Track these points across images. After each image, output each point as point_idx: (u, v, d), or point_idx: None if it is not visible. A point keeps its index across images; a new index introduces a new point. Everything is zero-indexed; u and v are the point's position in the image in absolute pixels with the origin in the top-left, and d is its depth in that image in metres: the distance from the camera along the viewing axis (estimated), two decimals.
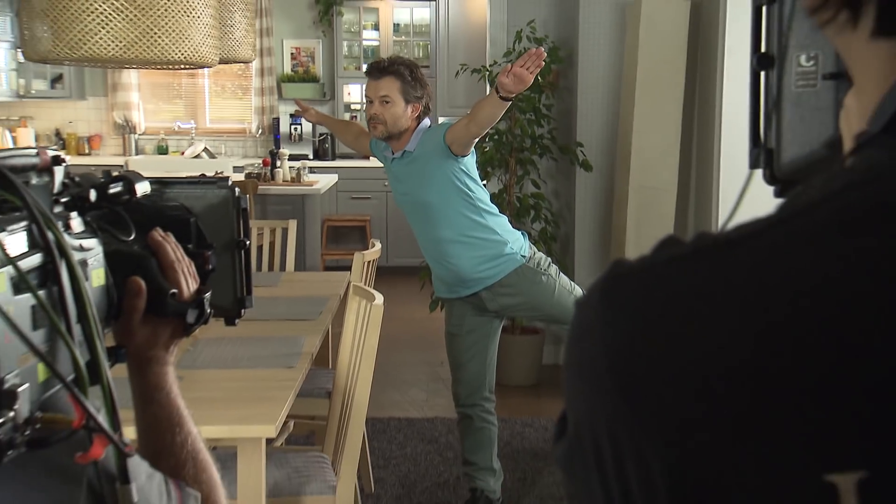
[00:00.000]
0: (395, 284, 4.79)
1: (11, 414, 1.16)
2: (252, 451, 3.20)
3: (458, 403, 4.95)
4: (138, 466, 1.42)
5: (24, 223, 1.22)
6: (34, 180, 1.29)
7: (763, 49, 1.05)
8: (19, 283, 1.19)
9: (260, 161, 10.61)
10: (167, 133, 12.48)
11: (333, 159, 11.71)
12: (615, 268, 0.80)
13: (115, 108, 12.20)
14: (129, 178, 1.50)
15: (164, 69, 5.28)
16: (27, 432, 1.18)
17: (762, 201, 0.83)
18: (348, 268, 5.60)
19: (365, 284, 4.32)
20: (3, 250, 1.18)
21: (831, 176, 0.80)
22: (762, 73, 1.05)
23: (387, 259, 7.76)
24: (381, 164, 4.98)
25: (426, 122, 4.70)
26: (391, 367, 7.11)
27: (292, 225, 6.46)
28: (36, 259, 1.22)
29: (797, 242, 0.76)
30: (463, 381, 4.89)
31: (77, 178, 1.40)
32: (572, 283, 4.82)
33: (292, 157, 10.32)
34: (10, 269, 1.17)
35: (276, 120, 12.06)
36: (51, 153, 1.32)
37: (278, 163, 9.84)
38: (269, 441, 3.53)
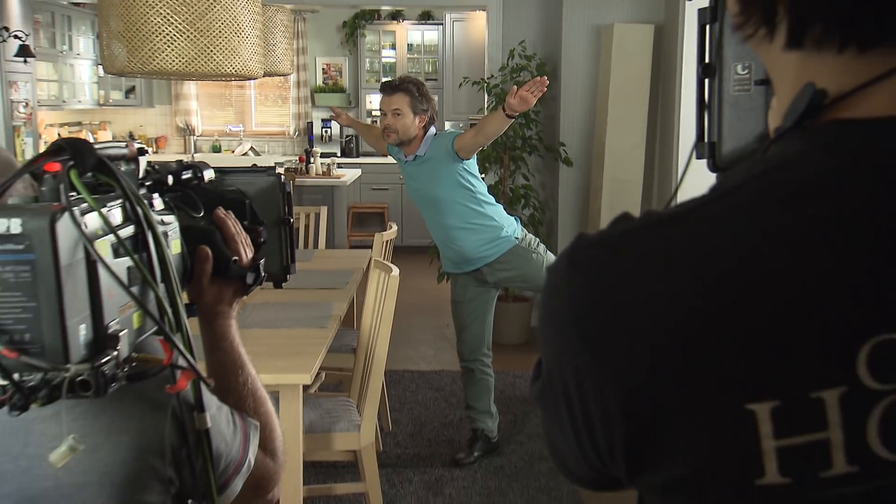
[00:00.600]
0: (409, 260, 4.74)
1: (115, 353, 1.18)
2: (291, 395, 3.21)
3: (461, 359, 4.95)
4: (210, 399, 1.45)
5: (119, 201, 1.24)
6: (124, 167, 1.30)
7: (707, 60, 1.05)
8: (118, 249, 1.21)
9: (296, 158, 10.59)
10: (220, 135, 12.43)
11: (357, 157, 11.62)
12: (578, 240, 0.81)
13: (177, 114, 12.16)
14: (198, 166, 1.55)
15: (217, 81, 5.24)
16: (125, 369, 1.20)
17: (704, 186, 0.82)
18: (370, 246, 5.59)
19: (384, 260, 4.32)
20: (107, 222, 1.20)
21: (753, 162, 0.81)
22: (706, 80, 1.06)
23: (402, 239, 7.72)
24: (394, 162, 4.96)
25: (432, 129, 4.69)
26: (405, 328, 7.05)
27: (323, 211, 6.42)
28: (129, 230, 1.23)
29: (724, 217, 0.77)
30: (465, 341, 4.89)
31: (156, 166, 1.43)
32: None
33: (323, 155, 10.21)
34: (111, 237, 1.19)
35: (310, 124, 11.99)
36: (136, 145, 1.35)
37: (312, 159, 9.78)
38: (305, 388, 3.55)
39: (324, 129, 12.10)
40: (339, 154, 11.71)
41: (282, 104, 12.33)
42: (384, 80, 5.63)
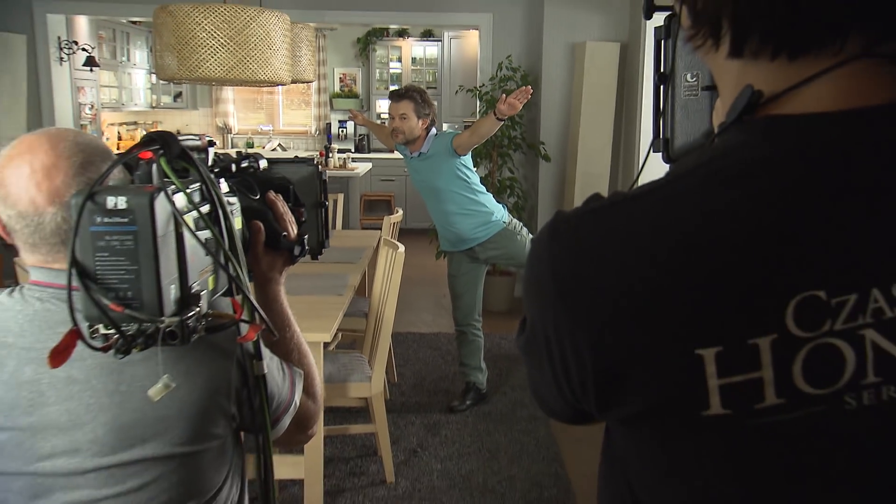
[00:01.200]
0: (411, 240, 4.75)
1: (197, 309, 1.23)
2: (314, 351, 3.16)
3: (456, 323, 4.96)
4: (264, 351, 1.47)
5: (196, 184, 1.28)
6: (196, 156, 1.32)
7: (662, 69, 1.06)
8: (198, 222, 1.25)
9: (317, 153, 10.56)
10: (253, 133, 12.37)
11: (369, 153, 11.57)
12: (557, 216, 0.82)
13: (217, 116, 12.12)
14: (254, 157, 1.58)
15: (252, 87, 5.23)
16: (203, 323, 1.25)
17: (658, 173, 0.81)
18: (379, 228, 5.60)
19: (391, 239, 4.33)
20: (191, 201, 1.24)
21: (702, 152, 0.82)
22: (661, 87, 1.06)
23: (405, 223, 7.67)
24: (401, 157, 4.96)
25: (433, 130, 4.70)
26: (408, 297, 7.05)
27: (340, 197, 6.42)
28: (205, 208, 1.27)
29: (677, 195, 0.77)
30: (460, 308, 4.91)
31: (221, 156, 1.46)
32: None
33: (340, 151, 10.17)
34: (194, 213, 1.24)
35: (328, 124, 11.98)
36: (206, 138, 1.40)
37: (330, 154, 9.79)
38: (325, 345, 3.56)
39: (340, 129, 12.09)
40: (353, 150, 11.64)
41: (305, 107, 12.27)
42: (392, 88, 5.60)
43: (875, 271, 0.72)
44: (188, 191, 1.25)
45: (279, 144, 12.29)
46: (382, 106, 11.58)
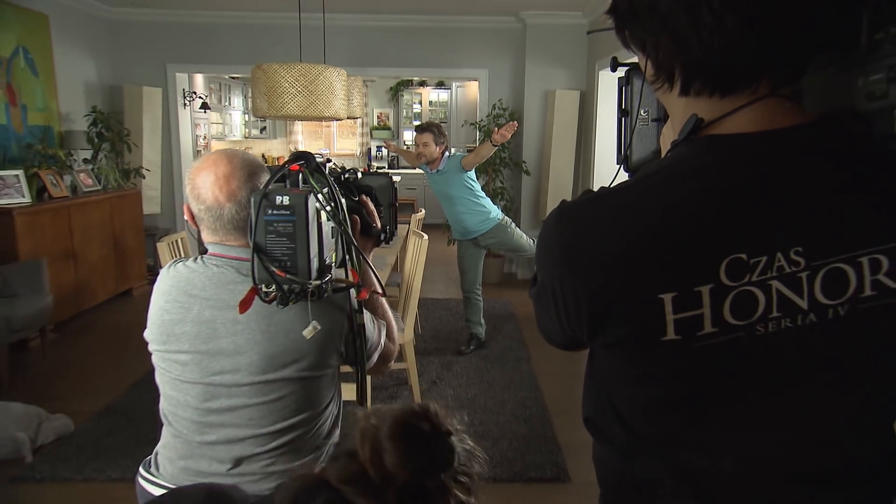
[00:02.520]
0: (430, 232, 4.76)
1: (329, 276, 1.29)
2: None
3: (463, 291, 4.94)
4: (362, 307, 1.52)
5: (325, 189, 1.32)
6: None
7: (623, 107, 1.06)
8: (329, 216, 1.30)
9: (361, 170, 10.56)
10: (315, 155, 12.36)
11: (398, 169, 11.52)
12: (562, 204, 0.83)
13: (290, 143, 12.03)
14: (354, 171, 1.64)
15: (317, 121, 5.23)
16: (332, 285, 1.31)
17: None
18: (408, 223, 5.56)
19: (418, 230, 4.33)
20: (326, 201, 1.30)
21: (659, 162, 0.84)
22: (622, 119, 1.06)
23: (426, 219, 7.71)
24: (423, 173, 4.94)
25: (447, 153, 4.69)
26: (427, 272, 7.02)
27: None
28: (329, 206, 1.31)
29: (647, 189, 0.79)
30: (465, 280, 4.88)
31: (332, 170, 1.50)
32: (522, 232, 4.84)
33: (378, 168, 10.26)
34: (326, 209, 1.29)
35: (369, 149, 11.89)
36: (326, 156, 1.48)
37: (370, 170, 9.80)
38: None
39: (377, 152, 12.01)
40: (387, 167, 11.68)
41: (352, 136, 12.20)
42: (416, 123, 5.66)
43: (778, 240, 0.76)
44: (321, 194, 1.31)
45: (333, 164, 12.21)
46: (408, 136, 11.61)
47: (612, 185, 0.83)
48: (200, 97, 8.36)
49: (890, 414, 0.86)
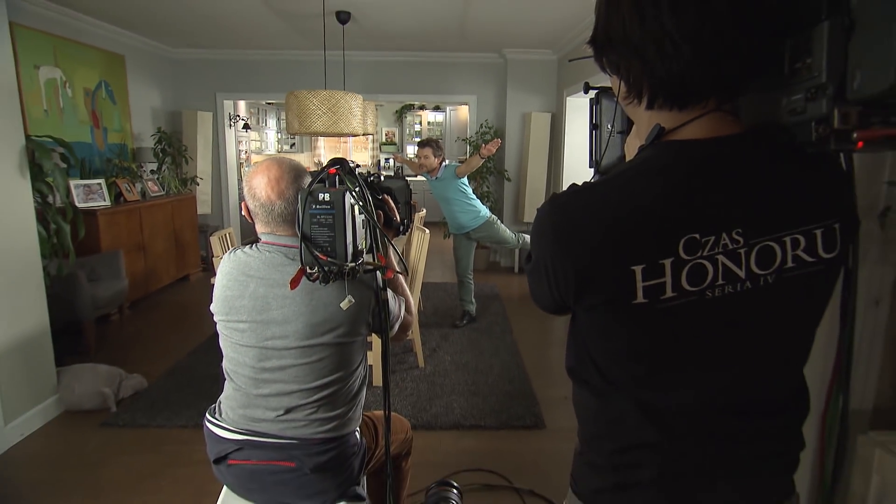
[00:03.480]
0: (430, 228, 4.75)
1: (362, 259, 1.28)
2: None
3: (458, 275, 4.90)
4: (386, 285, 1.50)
5: (357, 188, 1.31)
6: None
7: (594, 121, 1.05)
8: (361, 210, 1.29)
9: (382, 175, 10.46)
10: None
11: (402, 176, 11.52)
12: (553, 195, 0.82)
13: (314, 156, 11.92)
14: (377, 175, 1.61)
15: (337, 137, 5.21)
16: (362, 267, 1.30)
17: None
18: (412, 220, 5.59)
19: (420, 226, 4.31)
20: (357, 199, 1.28)
21: (630, 161, 0.83)
22: (593, 132, 1.05)
23: (427, 217, 7.70)
24: (424, 179, 4.88)
25: (444, 163, 4.63)
26: (427, 261, 7.02)
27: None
28: (360, 202, 1.30)
29: (623, 183, 0.78)
30: (460, 267, 4.84)
31: (359, 173, 1.48)
32: (505, 227, 4.81)
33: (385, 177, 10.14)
34: (359, 204, 1.28)
35: (379, 160, 11.76)
36: (356, 163, 1.44)
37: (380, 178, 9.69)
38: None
39: (385, 162, 11.86)
40: (392, 175, 11.54)
41: (364, 150, 12.06)
42: (418, 139, 5.59)
43: (723, 223, 0.76)
44: (355, 192, 1.31)
45: (361, 169, 12.06)
46: (410, 150, 11.49)
47: (592, 181, 0.82)
48: (243, 119, 8.28)
49: (802, 360, 0.88)
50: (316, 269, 1.25)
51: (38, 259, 3.10)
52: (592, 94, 1.06)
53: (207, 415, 1.58)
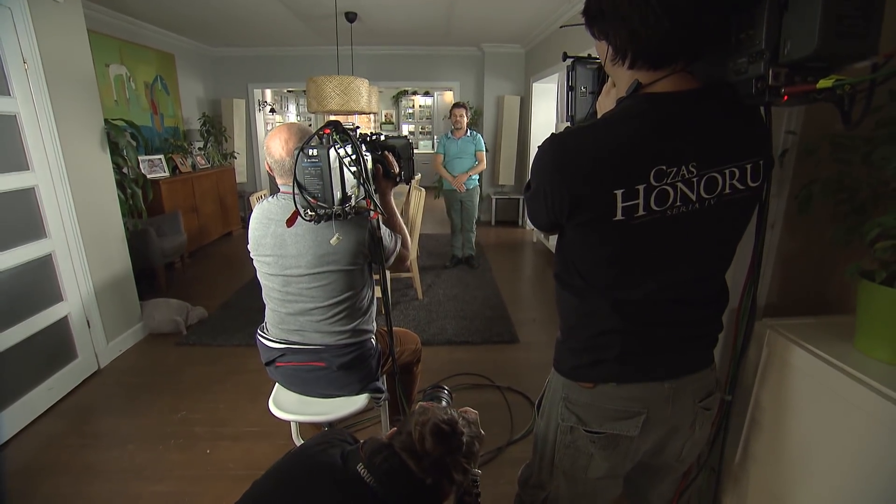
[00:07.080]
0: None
1: (351, 203, 1.21)
2: None
3: (451, 228, 4.78)
4: (382, 225, 1.45)
5: (351, 145, 1.23)
6: (352, 132, 1.28)
7: (570, 84, 1.02)
8: (352, 163, 1.21)
9: (385, 135, 10.07)
10: None
11: None
12: (552, 135, 0.81)
13: None
14: (378, 134, 1.53)
15: (348, 114, 5.08)
16: (354, 210, 1.23)
17: None
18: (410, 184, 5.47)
19: (417, 186, 4.27)
20: (346, 152, 1.20)
21: (613, 108, 0.81)
22: (569, 93, 1.02)
23: (421, 182, 7.59)
24: (446, 139, 4.42)
25: (471, 130, 4.35)
26: (425, 217, 6.96)
27: None
28: (350, 157, 1.22)
29: (607, 126, 0.77)
30: (452, 222, 4.69)
31: (363, 134, 1.40)
32: (477, 210, 4.52)
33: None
34: (347, 159, 1.20)
35: (379, 135, 11.47)
36: (355, 125, 1.36)
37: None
38: None
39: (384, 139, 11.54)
40: (396, 135, 11.16)
41: (366, 130, 11.81)
42: (455, 101, 5.24)
43: (683, 157, 0.76)
44: (345, 148, 1.22)
45: (361, 130, 11.68)
46: (405, 127, 11.05)
47: (584, 124, 0.80)
48: (269, 104, 8.04)
49: (727, 265, 0.91)
50: (312, 212, 1.20)
51: (120, 217, 3.16)
52: (569, 62, 1.03)
53: (259, 330, 1.60)
